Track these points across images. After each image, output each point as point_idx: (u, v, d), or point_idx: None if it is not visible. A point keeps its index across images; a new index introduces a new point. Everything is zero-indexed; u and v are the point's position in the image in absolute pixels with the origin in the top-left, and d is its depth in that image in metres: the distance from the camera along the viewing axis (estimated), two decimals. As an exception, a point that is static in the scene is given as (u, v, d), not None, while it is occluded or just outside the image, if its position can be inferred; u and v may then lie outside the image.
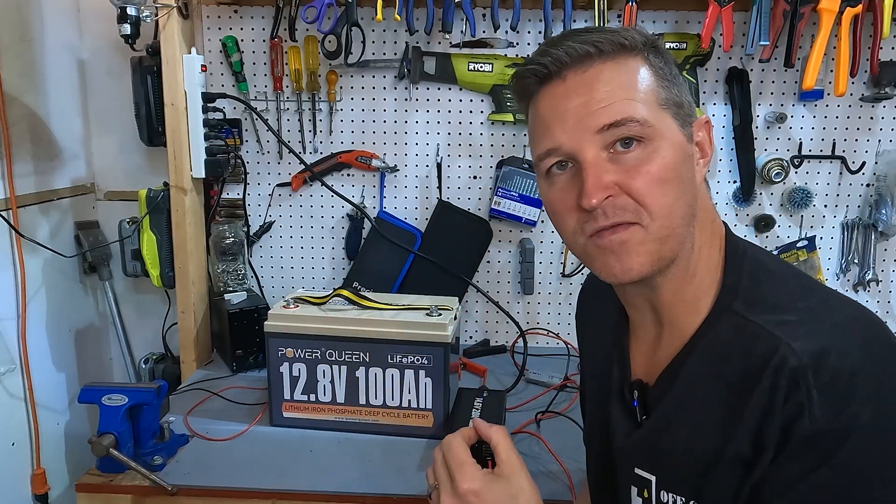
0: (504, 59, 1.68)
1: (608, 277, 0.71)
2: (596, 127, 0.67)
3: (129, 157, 1.84)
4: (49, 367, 1.69)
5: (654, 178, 0.67)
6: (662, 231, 0.68)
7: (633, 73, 0.69)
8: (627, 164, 0.68)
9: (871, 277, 1.72)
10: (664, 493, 0.73)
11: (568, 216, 0.72)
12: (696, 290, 0.73)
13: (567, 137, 0.69)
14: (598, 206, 0.67)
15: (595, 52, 0.68)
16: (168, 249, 1.67)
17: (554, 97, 0.70)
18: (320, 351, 1.31)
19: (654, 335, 0.78)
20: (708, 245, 0.74)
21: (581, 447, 1.21)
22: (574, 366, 1.64)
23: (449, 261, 1.72)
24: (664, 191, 0.68)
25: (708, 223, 0.74)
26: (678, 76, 0.73)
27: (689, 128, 0.72)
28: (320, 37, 1.60)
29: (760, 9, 1.49)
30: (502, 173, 1.67)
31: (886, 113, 1.67)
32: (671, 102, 0.70)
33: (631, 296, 0.79)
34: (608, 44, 0.69)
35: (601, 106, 0.67)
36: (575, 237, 0.72)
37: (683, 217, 0.69)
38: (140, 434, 1.21)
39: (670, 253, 0.70)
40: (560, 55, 0.69)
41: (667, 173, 0.68)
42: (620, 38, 0.69)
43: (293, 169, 1.77)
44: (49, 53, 1.69)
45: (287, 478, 1.18)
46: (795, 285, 0.71)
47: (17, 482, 1.57)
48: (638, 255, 0.69)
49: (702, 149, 0.74)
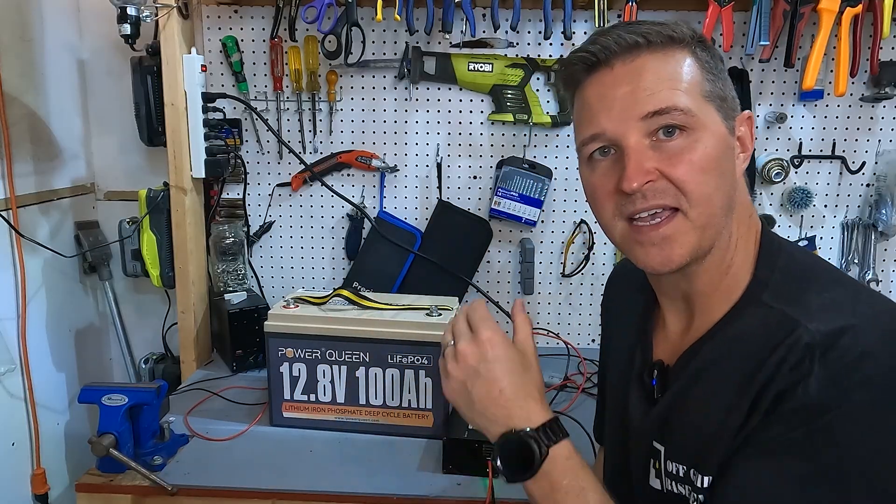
0: (504, 59, 1.68)
1: (648, 268, 0.74)
2: (641, 114, 0.69)
3: (129, 157, 1.84)
4: (49, 367, 1.69)
5: (695, 167, 0.69)
6: (702, 219, 0.70)
7: (680, 65, 0.71)
8: (669, 152, 0.69)
9: (871, 277, 1.72)
10: (670, 463, 0.75)
11: (607, 200, 0.73)
12: (731, 282, 0.74)
13: (612, 124, 0.71)
14: (639, 189, 0.69)
15: (643, 42, 0.70)
16: (168, 249, 1.67)
17: (602, 85, 0.72)
18: (320, 351, 1.31)
19: (684, 324, 0.80)
20: (744, 238, 0.75)
21: (581, 446, 1.21)
22: (574, 366, 1.64)
23: (449, 261, 1.72)
24: (704, 179, 0.69)
25: (745, 217, 0.76)
26: (724, 71, 0.74)
27: (732, 122, 0.74)
28: (320, 37, 1.60)
29: (760, 9, 1.49)
30: (502, 173, 1.67)
31: (886, 113, 1.67)
32: (715, 95, 0.72)
33: (666, 286, 0.80)
34: (656, 35, 0.71)
35: (647, 94, 0.69)
36: (614, 221, 0.74)
37: (722, 207, 0.71)
38: (140, 434, 1.21)
39: (709, 242, 0.71)
40: (609, 44, 0.71)
41: (708, 163, 0.69)
42: (669, 31, 0.71)
43: (293, 169, 1.77)
44: (49, 53, 1.69)
45: (287, 478, 1.18)
46: (827, 279, 0.72)
47: (17, 482, 1.57)
48: (680, 247, 0.70)
49: (743, 143, 0.76)
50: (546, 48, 1.69)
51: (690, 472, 0.72)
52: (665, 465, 0.76)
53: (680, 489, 0.74)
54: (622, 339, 0.90)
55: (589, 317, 1.82)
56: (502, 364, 0.76)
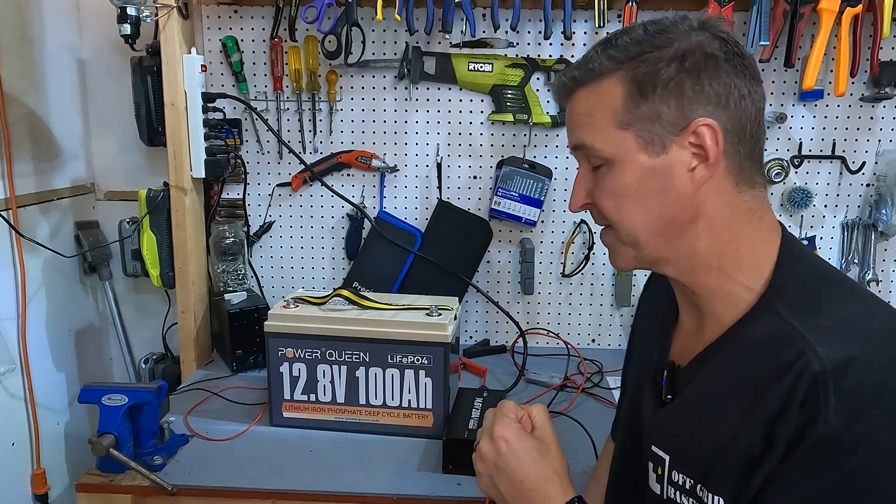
0: (504, 59, 1.68)
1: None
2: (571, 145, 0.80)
3: (129, 157, 1.84)
4: (49, 367, 1.69)
5: (608, 195, 0.76)
6: (629, 238, 0.76)
7: (601, 96, 0.74)
8: (597, 181, 0.77)
9: (871, 277, 1.72)
10: (675, 473, 0.76)
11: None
12: (740, 287, 0.74)
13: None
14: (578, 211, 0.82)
15: (579, 76, 0.76)
16: (168, 249, 1.67)
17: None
18: (320, 351, 1.31)
19: (695, 321, 0.81)
20: (749, 241, 0.74)
21: (581, 446, 1.22)
22: (574, 366, 1.64)
23: (449, 261, 1.72)
24: (616, 206, 0.76)
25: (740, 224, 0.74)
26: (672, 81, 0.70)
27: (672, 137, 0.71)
28: (320, 37, 1.60)
29: (760, 9, 1.49)
30: (502, 173, 1.67)
31: (886, 113, 1.67)
32: (640, 119, 0.71)
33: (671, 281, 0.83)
34: (583, 71, 0.75)
35: (570, 129, 0.79)
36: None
37: (645, 228, 0.74)
38: (140, 434, 1.21)
39: (651, 253, 0.76)
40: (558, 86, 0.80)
41: (620, 190, 0.75)
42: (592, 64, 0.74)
43: (293, 169, 1.77)
44: (49, 53, 1.69)
45: (287, 478, 1.18)
46: (842, 293, 0.71)
47: (17, 482, 1.57)
48: (618, 256, 0.80)
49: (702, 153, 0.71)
50: (546, 48, 1.69)
51: (698, 486, 0.72)
52: (670, 475, 0.77)
53: (683, 500, 0.74)
54: (647, 335, 0.93)
55: (589, 317, 1.82)
56: (516, 456, 0.81)
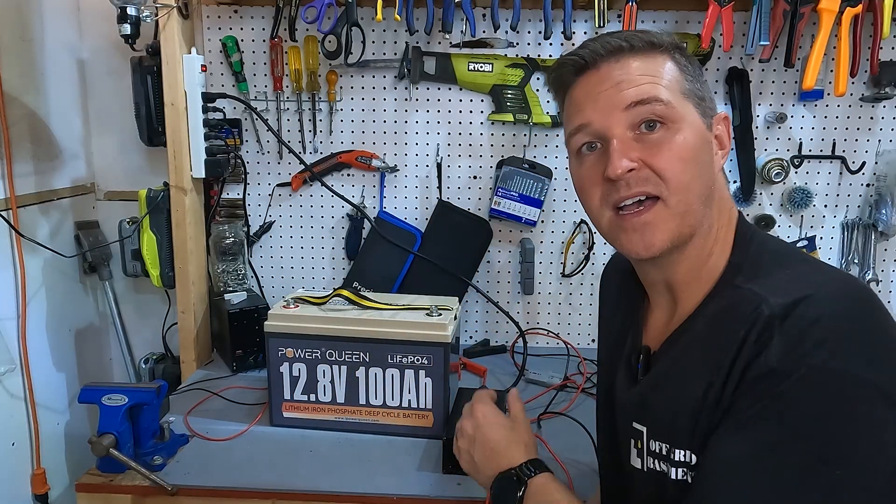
0: (504, 59, 1.68)
1: (631, 253, 0.79)
2: (623, 104, 0.75)
3: (129, 157, 1.85)
4: (49, 367, 1.69)
5: (675, 156, 0.74)
6: (681, 206, 0.75)
7: (661, 65, 0.77)
8: (651, 143, 0.75)
9: (871, 277, 1.72)
10: (653, 442, 0.79)
11: (594, 190, 0.79)
12: (710, 270, 0.79)
13: (598, 115, 0.77)
14: (623, 175, 0.74)
15: (627, 46, 0.77)
16: (168, 249, 1.67)
17: (588, 83, 0.79)
18: (320, 351, 1.31)
19: (668, 312, 0.84)
20: (724, 229, 0.80)
21: (581, 446, 1.22)
22: (574, 366, 1.64)
23: (449, 261, 1.72)
24: (683, 168, 0.74)
25: (725, 210, 0.81)
26: (702, 75, 0.81)
27: (710, 119, 0.79)
28: (320, 37, 1.60)
29: (760, 9, 1.49)
30: (502, 173, 1.67)
31: (886, 113, 1.67)
32: (693, 94, 0.78)
33: (649, 274, 0.85)
34: (638, 40, 0.77)
35: (629, 87, 0.75)
36: (601, 210, 0.79)
37: (699, 196, 0.76)
38: (140, 434, 1.21)
39: (688, 230, 0.76)
40: (596, 48, 0.77)
41: (687, 153, 0.75)
42: (650, 38, 0.78)
43: (293, 169, 1.77)
44: (49, 53, 1.69)
45: (287, 478, 1.18)
46: (793, 258, 0.76)
47: (17, 482, 1.57)
48: (661, 233, 0.75)
49: (720, 141, 0.81)
50: (546, 48, 1.69)
51: (672, 449, 0.76)
52: (648, 445, 0.80)
53: (662, 466, 0.77)
54: (615, 325, 0.95)
55: (589, 317, 1.82)
56: (492, 426, 0.95)
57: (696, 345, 0.75)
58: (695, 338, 0.76)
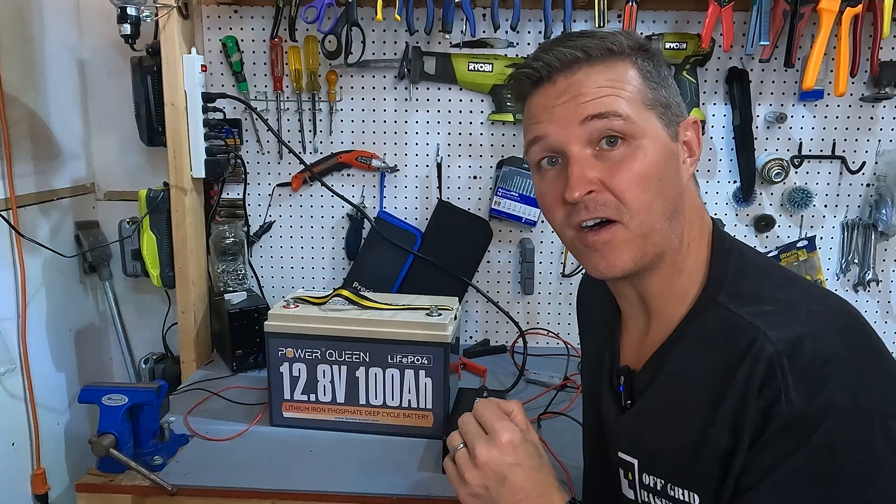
0: (504, 59, 1.68)
1: (594, 273, 0.76)
2: (579, 118, 0.71)
3: (129, 157, 1.84)
4: (49, 367, 1.69)
5: (635, 176, 0.70)
6: (643, 227, 0.71)
7: (620, 75, 0.72)
8: (611, 162, 0.71)
9: (871, 277, 1.72)
10: (646, 476, 0.77)
11: (556, 208, 0.75)
12: (685, 282, 0.76)
13: (553, 129, 0.73)
14: (581, 199, 0.71)
15: (583, 56, 0.72)
16: (168, 249, 1.67)
17: (545, 97, 0.74)
18: (320, 351, 1.31)
19: (643, 325, 0.81)
20: (697, 240, 0.77)
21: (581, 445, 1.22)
22: (574, 366, 1.64)
23: (449, 261, 1.72)
24: (644, 188, 0.71)
25: (697, 220, 0.77)
26: (668, 78, 0.76)
27: (676, 127, 0.75)
28: (320, 37, 1.60)
29: (760, 9, 1.49)
30: (502, 173, 1.67)
31: (886, 113, 1.67)
32: (657, 103, 0.73)
33: (620, 288, 0.82)
34: (596, 49, 0.72)
35: (587, 100, 0.71)
36: (564, 229, 0.76)
37: (663, 213, 0.72)
38: (140, 434, 1.21)
39: (653, 249, 0.73)
40: (551, 60, 0.73)
41: (648, 170, 0.71)
42: (608, 44, 0.72)
43: (293, 169, 1.77)
44: (49, 53, 1.69)
45: (287, 478, 1.18)
46: (778, 277, 0.74)
47: (17, 482, 1.57)
48: (622, 254, 0.72)
49: (689, 148, 0.77)
50: (546, 48, 1.68)
51: (668, 486, 0.73)
52: (640, 478, 0.77)
53: (658, 502, 0.75)
54: (595, 339, 0.93)
55: (589, 317, 1.82)
56: (524, 466, 0.74)
57: (685, 374, 0.72)
58: (683, 365, 0.73)
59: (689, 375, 0.72)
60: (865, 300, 1.75)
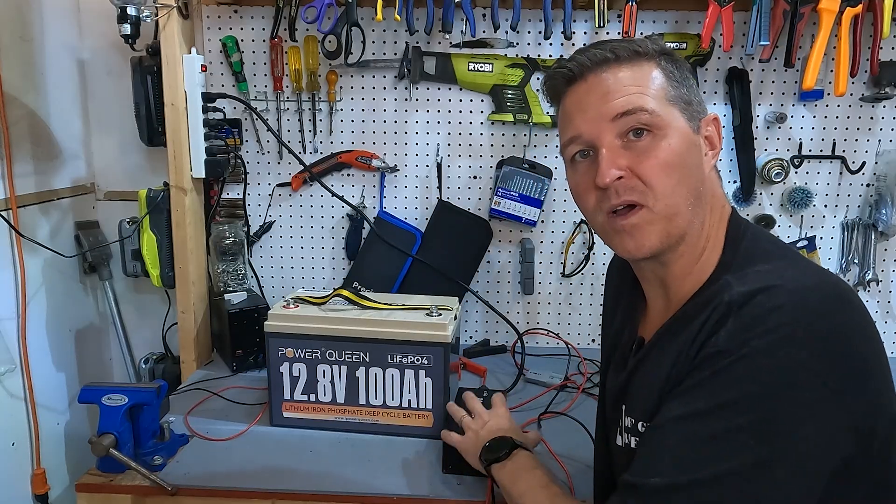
0: (504, 59, 1.68)
1: (623, 254, 0.83)
2: (611, 115, 0.79)
3: (129, 157, 1.84)
4: (49, 367, 1.69)
5: (660, 163, 0.78)
6: (668, 210, 0.79)
7: (646, 74, 0.81)
8: (638, 150, 0.79)
9: (871, 277, 1.72)
10: (628, 419, 0.86)
11: (588, 195, 0.83)
12: (702, 266, 0.82)
13: (587, 126, 0.81)
14: (611, 184, 0.79)
15: (613, 57, 0.81)
16: (168, 249, 1.67)
17: (577, 94, 0.83)
18: (320, 351, 1.31)
19: (662, 306, 0.88)
20: (716, 227, 0.83)
21: (581, 445, 1.23)
22: (574, 366, 1.64)
23: (449, 261, 1.72)
24: (669, 174, 0.78)
25: (718, 208, 0.84)
26: (689, 79, 0.84)
27: (698, 122, 0.83)
28: (320, 37, 1.60)
29: (760, 9, 1.49)
30: (502, 173, 1.67)
31: (886, 113, 1.67)
32: (679, 99, 0.81)
33: (645, 271, 0.89)
34: (624, 50, 0.81)
35: (616, 98, 0.79)
36: (595, 215, 0.84)
37: (686, 198, 0.79)
38: (140, 434, 1.21)
39: (678, 230, 0.80)
40: (583, 60, 0.82)
41: (672, 158, 0.78)
42: (635, 47, 0.81)
43: (293, 169, 1.77)
44: (49, 53, 1.69)
45: (287, 478, 1.18)
46: (780, 255, 0.79)
47: (17, 482, 1.57)
48: (650, 234, 0.80)
49: (710, 142, 0.85)
50: (546, 48, 1.69)
51: (638, 423, 0.83)
52: (625, 422, 0.86)
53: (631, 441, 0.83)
54: (616, 322, 1.00)
55: (589, 317, 1.82)
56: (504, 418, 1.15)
57: (675, 331, 0.80)
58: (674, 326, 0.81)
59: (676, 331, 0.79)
60: (865, 300, 1.75)
